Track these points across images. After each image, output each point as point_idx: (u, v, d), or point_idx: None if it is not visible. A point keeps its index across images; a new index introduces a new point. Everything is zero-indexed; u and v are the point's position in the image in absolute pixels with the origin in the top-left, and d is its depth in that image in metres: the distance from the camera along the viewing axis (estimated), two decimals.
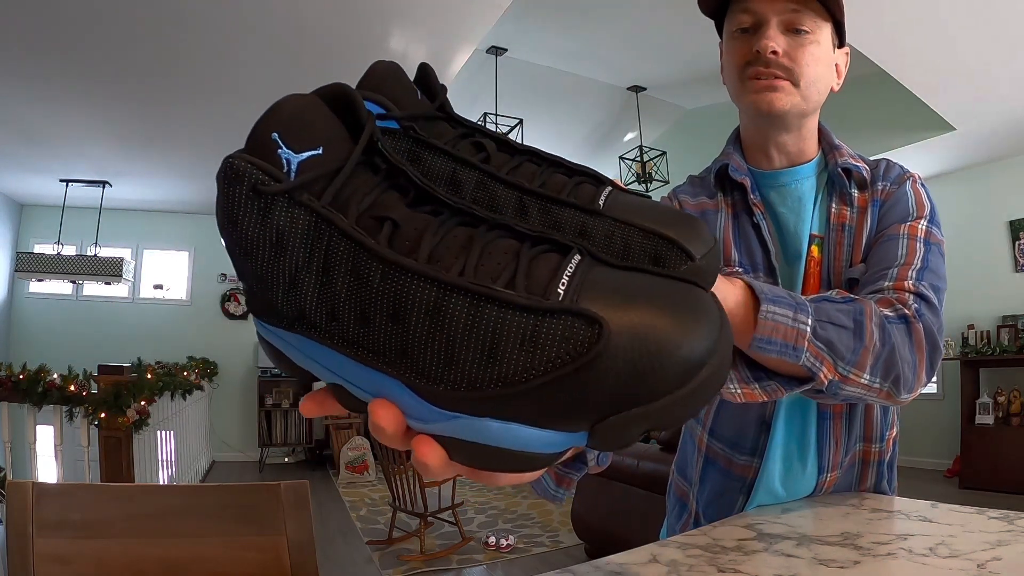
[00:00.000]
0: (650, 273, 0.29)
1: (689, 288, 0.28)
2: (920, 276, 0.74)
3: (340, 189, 0.29)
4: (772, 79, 0.79)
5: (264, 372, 6.85)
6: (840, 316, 0.61)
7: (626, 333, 0.25)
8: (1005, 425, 4.95)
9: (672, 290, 0.28)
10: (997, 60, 3.67)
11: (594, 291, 0.27)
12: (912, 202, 0.83)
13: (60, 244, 5.84)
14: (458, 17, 3.27)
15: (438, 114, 0.40)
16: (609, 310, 0.26)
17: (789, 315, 0.56)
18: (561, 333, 0.26)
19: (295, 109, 0.29)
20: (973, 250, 5.40)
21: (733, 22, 0.82)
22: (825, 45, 0.81)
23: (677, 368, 0.25)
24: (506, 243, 0.29)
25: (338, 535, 4.09)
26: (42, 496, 0.79)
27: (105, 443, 3.25)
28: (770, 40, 0.77)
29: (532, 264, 0.28)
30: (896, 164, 0.88)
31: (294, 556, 0.86)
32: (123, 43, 3.36)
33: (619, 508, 3.28)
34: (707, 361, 0.26)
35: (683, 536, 0.67)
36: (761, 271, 0.86)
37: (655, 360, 0.25)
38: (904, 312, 0.68)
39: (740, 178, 0.88)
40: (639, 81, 5.67)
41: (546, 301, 0.26)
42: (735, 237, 0.89)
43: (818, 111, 0.86)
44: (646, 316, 0.26)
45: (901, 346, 0.65)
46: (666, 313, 0.26)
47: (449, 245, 0.29)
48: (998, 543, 0.58)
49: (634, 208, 0.36)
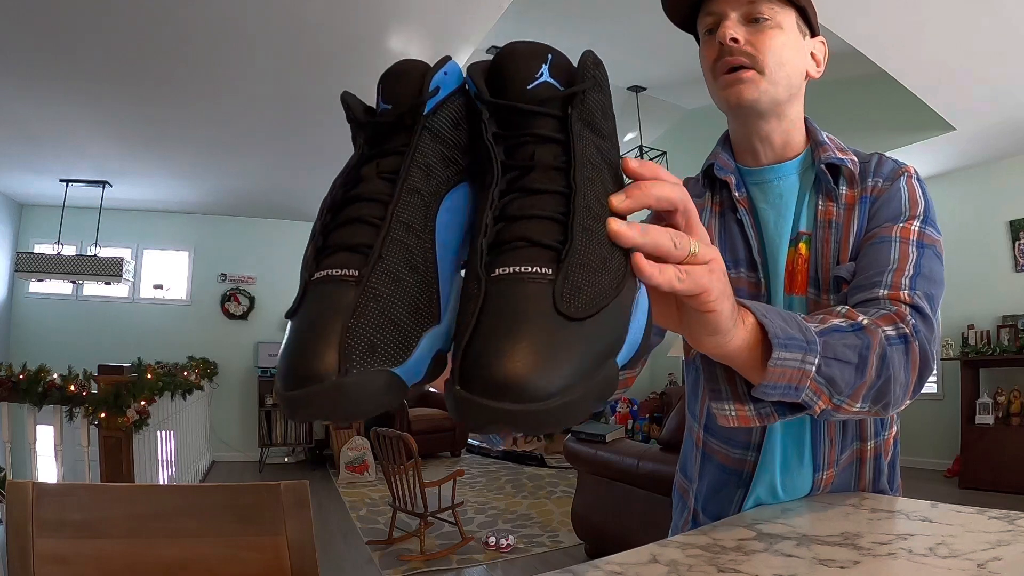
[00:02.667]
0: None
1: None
2: (914, 284, 0.73)
3: None
4: (738, 71, 0.80)
5: (264, 372, 6.85)
6: (846, 351, 0.60)
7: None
8: (1005, 425, 4.95)
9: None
10: (997, 60, 3.66)
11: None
12: (905, 200, 0.81)
13: (60, 244, 5.84)
14: (458, 17, 3.27)
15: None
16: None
17: (798, 358, 0.55)
18: None
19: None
20: (973, 250, 5.40)
21: (701, 26, 0.85)
22: (789, 30, 0.82)
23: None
24: None
25: (338, 535, 4.09)
26: (42, 496, 0.79)
27: (105, 443, 3.24)
28: (728, 29, 0.79)
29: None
30: (890, 159, 0.87)
31: (294, 556, 0.86)
32: (124, 43, 3.36)
33: (619, 508, 3.28)
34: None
35: (683, 536, 0.67)
36: (743, 267, 0.88)
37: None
38: (904, 331, 0.66)
39: (724, 176, 0.89)
40: (639, 81, 5.67)
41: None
42: (720, 234, 0.90)
43: (799, 98, 0.87)
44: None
45: (898, 369, 0.64)
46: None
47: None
48: (998, 543, 0.58)
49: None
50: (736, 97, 0.81)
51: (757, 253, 0.86)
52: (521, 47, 0.38)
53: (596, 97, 0.39)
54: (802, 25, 0.84)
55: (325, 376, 0.30)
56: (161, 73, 3.72)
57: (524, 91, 0.37)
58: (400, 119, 0.39)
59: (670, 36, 0.92)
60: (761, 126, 0.86)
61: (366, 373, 0.30)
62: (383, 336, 0.32)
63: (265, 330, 7.22)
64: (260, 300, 7.25)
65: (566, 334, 0.29)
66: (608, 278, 0.34)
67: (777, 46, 0.80)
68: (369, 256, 0.34)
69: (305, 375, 0.30)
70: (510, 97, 0.37)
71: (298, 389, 0.30)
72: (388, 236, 0.35)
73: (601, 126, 0.39)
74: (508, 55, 0.38)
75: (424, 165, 0.38)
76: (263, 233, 7.26)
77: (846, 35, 3.42)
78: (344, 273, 0.34)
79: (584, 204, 0.35)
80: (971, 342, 5.39)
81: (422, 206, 0.37)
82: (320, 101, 4.17)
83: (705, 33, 0.84)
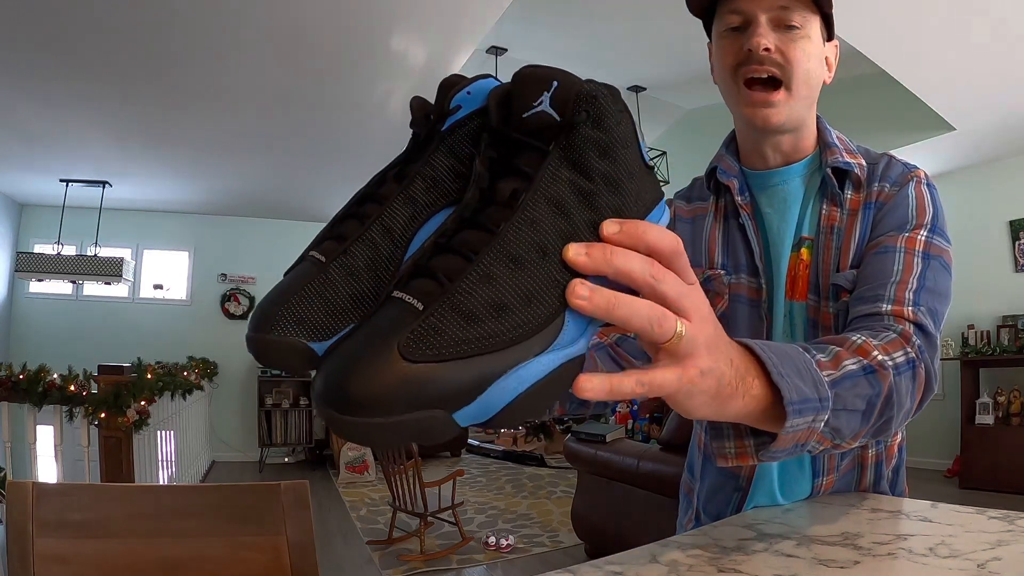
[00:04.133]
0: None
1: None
2: (918, 299, 0.70)
3: None
4: (766, 89, 0.78)
5: (264, 372, 6.85)
6: (856, 401, 0.57)
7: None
8: (1005, 425, 4.95)
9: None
10: (997, 60, 3.66)
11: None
12: (912, 208, 0.78)
13: (60, 244, 5.84)
14: (458, 17, 3.27)
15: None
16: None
17: (809, 420, 0.50)
18: None
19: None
20: (973, 250, 5.40)
21: (722, 23, 0.81)
22: (816, 39, 0.80)
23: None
24: None
25: (338, 535, 4.09)
26: (42, 496, 0.79)
27: (105, 443, 3.24)
28: (761, 37, 0.76)
29: None
30: (899, 162, 0.83)
31: (294, 556, 0.86)
32: (124, 44, 3.36)
33: (619, 508, 3.28)
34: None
35: (683, 536, 0.67)
36: (744, 272, 0.87)
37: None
38: (911, 355, 0.64)
39: (727, 180, 0.88)
40: (639, 81, 5.67)
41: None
42: (722, 239, 0.89)
43: (813, 107, 0.85)
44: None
45: (904, 397, 0.62)
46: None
47: None
48: (998, 543, 0.58)
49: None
50: (763, 120, 0.80)
51: (759, 258, 0.85)
52: (527, 71, 0.36)
53: (590, 133, 0.35)
54: (823, 29, 0.82)
55: (260, 329, 0.38)
56: (161, 73, 3.72)
57: (520, 119, 0.35)
58: (427, 132, 0.41)
59: (670, 36, 0.91)
60: (776, 139, 0.85)
61: (285, 338, 0.37)
62: (313, 314, 0.38)
63: None
64: (260, 300, 7.25)
65: (389, 367, 0.29)
66: (486, 330, 0.31)
67: (805, 58, 0.78)
68: (341, 247, 0.39)
69: (253, 325, 0.39)
70: (510, 123, 0.36)
71: (249, 332, 0.39)
72: (364, 236, 0.39)
73: (593, 166, 0.35)
74: (515, 78, 0.36)
75: (431, 177, 0.40)
76: (263, 233, 7.25)
77: (846, 35, 3.42)
78: (317, 257, 0.40)
79: (503, 249, 0.32)
80: (971, 342, 5.39)
81: (409, 216, 0.39)
82: (320, 101, 4.17)
83: (727, 30, 0.81)
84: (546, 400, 0.33)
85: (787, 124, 0.81)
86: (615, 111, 0.36)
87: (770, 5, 0.77)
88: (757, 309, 0.86)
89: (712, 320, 0.40)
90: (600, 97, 0.35)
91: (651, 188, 0.38)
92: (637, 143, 0.37)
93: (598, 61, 5.25)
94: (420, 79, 3.90)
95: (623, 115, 0.36)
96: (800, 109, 0.81)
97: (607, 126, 0.36)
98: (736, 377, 0.43)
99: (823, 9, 0.79)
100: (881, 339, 0.64)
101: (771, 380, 0.47)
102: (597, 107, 0.35)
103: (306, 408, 6.82)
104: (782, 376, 0.47)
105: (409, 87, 4.01)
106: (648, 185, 0.38)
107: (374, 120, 4.51)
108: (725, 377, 0.42)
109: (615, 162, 0.36)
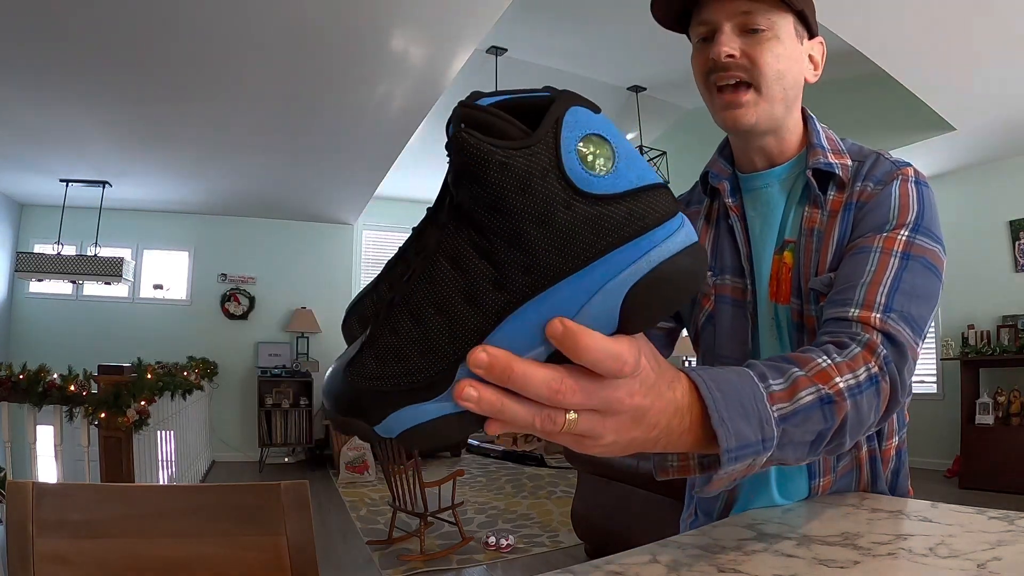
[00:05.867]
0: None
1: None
2: (890, 303, 0.67)
3: None
4: (735, 91, 0.78)
5: (264, 372, 6.85)
6: (804, 435, 0.54)
7: None
8: (1005, 425, 4.95)
9: None
10: (997, 60, 3.66)
11: None
12: (895, 207, 0.75)
13: (60, 244, 5.84)
14: (458, 17, 3.27)
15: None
16: None
17: (747, 462, 0.48)
18: None
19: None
20: (973, 250, 5.40)
21: (694, 34, 0.83)
22: (787, 39, 0.79)
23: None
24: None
25: (338, 535, 4.09)
26: (42, 496, 0.79)
27: (105, 443, 3.24)
28: (722, 46, 0.77)
29: None
30: (888, 160, 0.81)
31: (294, 556, 0.86)
32: (124, 43, 3.36)
33: (619, 508, 3.28)
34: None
35: (683, 536, 0.67)
36: (729, 272, 0.88)
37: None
38: (873, 371, 0.62)
39: (717, 183, 0.90)
40: (639, 81, 5.67)
41: None
42: (712, 241, 0.90)
43: (796, 107, 0.85)
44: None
45: (867, 415, 0.60)
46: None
47: None
48: (998, 543, 0.58)
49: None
50: (733, 122, 0.80)
51: (744, 259, 0.86)
52: (472, 96, 0.33)
53: (468, 189, 0.29)
54: (800, 28, 0.81)
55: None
56: (161, 73, 3.72)
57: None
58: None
59: (670, 36, 0.90)
60: (758, 141, 0.85)
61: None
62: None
63: (265, 330, 7.22)
64: (260, 300, 7.24)
65: (339, 380, 0.36)
66: (388, 370, 0.34)
67: (774, 60, 0.77)
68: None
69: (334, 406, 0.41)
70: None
71: (331, 412, 0.40)
72: (376, 289, 0.49)
73: (483, 223, 0.30)
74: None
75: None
76: (263, 233, 7.25)
77: (846, 35, 3.42)
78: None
79: (404, 302, 0.34)
80: (971, 342, 5.39)
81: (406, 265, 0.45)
82: (320, 101, 4.17)
83: (698, 41, 0.82)
84: (440, 439, 0.36)
85: (760, 125, 0.81)
86: (499, 150, 0.28)
87: (732, 12, 0.77)
88: (742, 310, 0.87)
89: (641, 392, 0.37)
90: (467, 145, 0.28)
91: (629, 213, 0.31)
92: (560, 170, 0.29)
93: (598, 61, 5.25)
94: (420, 79, 3.90)
95: (518, 152, 0.28)
96: (775, 110, 0.80)
97: (485, 178, 0.29)
98: (672, 424, 0.42)
99: (794, 7, 0.78)
100: (845, 355, 0.62)
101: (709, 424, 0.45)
102: (464, 156, 0.29)
103: (306, 408, 6.83)
104: (722, 421, 0.45)
105: (409, 87, 4.01)
106: (619, 211, 0.31)
107: (374, 120, 4.51)
108: (654, 433, 0.41)
109: (508, 214, 0.29)
